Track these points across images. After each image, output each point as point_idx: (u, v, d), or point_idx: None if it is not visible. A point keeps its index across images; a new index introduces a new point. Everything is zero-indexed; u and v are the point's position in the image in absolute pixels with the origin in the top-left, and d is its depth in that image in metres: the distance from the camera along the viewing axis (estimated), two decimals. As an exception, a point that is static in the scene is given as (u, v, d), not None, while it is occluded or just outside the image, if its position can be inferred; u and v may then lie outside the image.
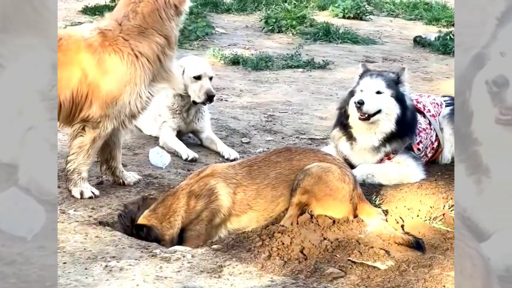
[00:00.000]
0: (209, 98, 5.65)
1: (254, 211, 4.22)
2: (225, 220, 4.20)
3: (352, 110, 5.06)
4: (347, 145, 5.15)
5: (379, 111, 5.00)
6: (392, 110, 5.01)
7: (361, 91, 5.05)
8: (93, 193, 4.65)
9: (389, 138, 5.05)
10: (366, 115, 4.94)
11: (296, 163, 4.30)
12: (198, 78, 5.69)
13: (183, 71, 5.64)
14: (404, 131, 5.07)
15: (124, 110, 4.61)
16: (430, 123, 5.36)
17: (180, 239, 4.16)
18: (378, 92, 5.01)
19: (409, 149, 5.15)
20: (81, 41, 4.56)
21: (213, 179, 4.22)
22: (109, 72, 4.54)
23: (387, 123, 5.02)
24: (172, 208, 4.14)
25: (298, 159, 4.31)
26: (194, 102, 5.75)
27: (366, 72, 5.18)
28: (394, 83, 5.08)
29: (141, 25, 4.60)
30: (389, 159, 5.08)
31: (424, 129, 5.29)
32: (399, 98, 5.05)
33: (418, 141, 5.23)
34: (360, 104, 4.91)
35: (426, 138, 5.30)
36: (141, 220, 4.16)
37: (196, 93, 5.68)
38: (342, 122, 5.16)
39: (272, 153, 4.44)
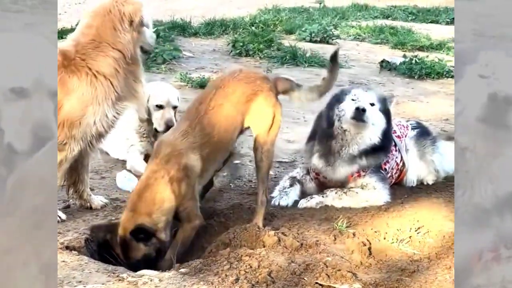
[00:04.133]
0: (168, 128, 5.33)
1: (220, 151, 4.55)
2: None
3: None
4: (321, 159, 5.12)
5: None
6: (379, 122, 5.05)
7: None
8: (59, 217, 4.61)
9: (367, 152, 5.06)
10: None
11: (232, 96, 4.48)
12: (160, 107, 5.69)
13: (148, 98, 5.60)
14: (384, 146, 5.10)
15: (90, 131, 4.57)
16: (395, 144, 5.40)
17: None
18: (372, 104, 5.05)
19: (378, 167, 5.18)
20: None
21: (181, 157, 4.28)
22: (70, 93, 4.49)
23: (373, 135, 5.05)
24: (157, 199, 4.18)
25: (232, 91, 4.50)
26: (156, 130, 5.74)
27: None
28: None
29: (95, 39, 4.56)
30: (359, 176, 5.09)
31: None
32: (386, 112, 5.11)
33: (385, 160, 5.26)
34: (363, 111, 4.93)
35: (392, 159, 5.34)
36: (125, 225, 4.14)
37: (158, 121, 5.69)
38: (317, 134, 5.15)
39: (209, 100, 4.48)
